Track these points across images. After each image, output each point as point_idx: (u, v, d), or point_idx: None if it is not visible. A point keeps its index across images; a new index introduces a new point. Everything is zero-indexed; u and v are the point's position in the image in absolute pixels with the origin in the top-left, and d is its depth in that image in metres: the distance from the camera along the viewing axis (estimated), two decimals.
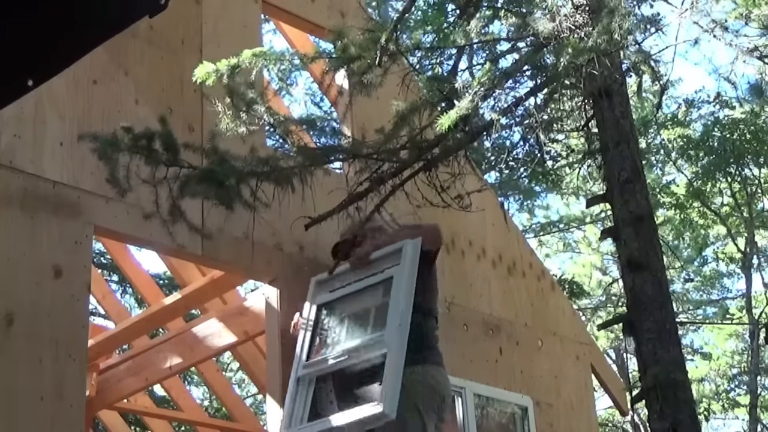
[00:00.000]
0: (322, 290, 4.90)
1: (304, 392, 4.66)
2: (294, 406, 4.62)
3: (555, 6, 4.18)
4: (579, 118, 6.87)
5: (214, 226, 4.69)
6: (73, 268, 4.27)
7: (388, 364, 4.36)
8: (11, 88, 2.30)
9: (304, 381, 4.70)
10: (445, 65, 7.32)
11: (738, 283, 19.62)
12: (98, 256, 12.42)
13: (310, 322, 4.80)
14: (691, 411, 6.63)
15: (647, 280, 6.85)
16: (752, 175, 16.68)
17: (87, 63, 4.59)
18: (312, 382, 4.70)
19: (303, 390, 4.67)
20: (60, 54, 2.29)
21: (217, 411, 14.96)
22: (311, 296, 4.88)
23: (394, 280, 4.56)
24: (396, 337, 4.42)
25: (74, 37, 2.26)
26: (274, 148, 5.36)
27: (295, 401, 4.63)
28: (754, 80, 16.09)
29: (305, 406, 4.65)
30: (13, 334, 4.01)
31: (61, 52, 2.28)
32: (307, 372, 4.68)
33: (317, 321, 4.82)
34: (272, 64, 4.37)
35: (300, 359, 4.73)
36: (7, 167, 4.20)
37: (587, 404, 6.67)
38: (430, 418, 4.50)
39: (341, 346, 4.62)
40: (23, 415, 3.96)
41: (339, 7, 5.99)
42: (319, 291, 4.90)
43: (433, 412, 4.54)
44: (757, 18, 12.30)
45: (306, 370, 4.69)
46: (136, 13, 2.34)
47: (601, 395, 9.28)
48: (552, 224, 19.08)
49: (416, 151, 4.21)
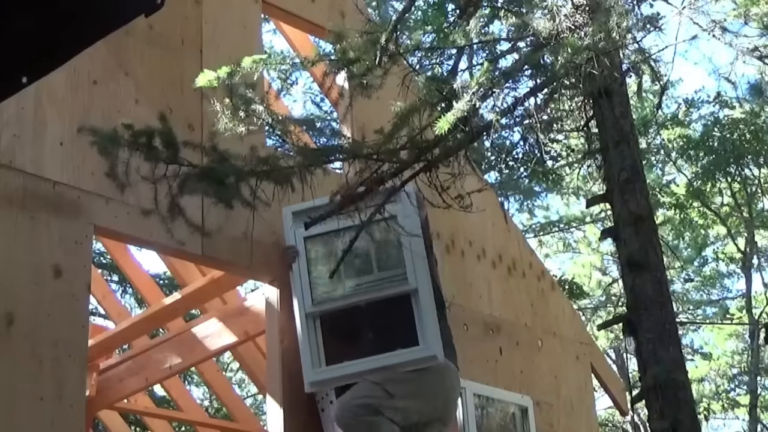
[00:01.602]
0: (298, 221, 4.84)
1: (313, 331, 4.72)
2: (310, 346, 4.67)
3: (555, 6, 4.18)
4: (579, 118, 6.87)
5: (213, 226, 4.69)
6: (73, 268, 4.27)
7: (423, 303, 4.44)
8: (5, 85, 2.30)
9: (312, 318, 4.75)
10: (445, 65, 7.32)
11: (738, 283, 19.64)
12: (98, 256, 12.43)
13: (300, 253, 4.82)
14: (691, 411, 6.64)
15: (647, 280, 6.86)
16: (752, 175, 16.68)
17: (87, 62, 4.59)
18: (317, 319, 4.74)
19: (312, 328, 4.72)
20: (54, 52, 2.29)
21: (217, 411, 14.97)
22: (289, 226, 4.86)
23: (398, 219, 4.57)
24: (423, 274, 4.46)
25: (69, 35, 2.26)
26: (274, 147, 5.35)
27: (310, 341, 4.68)
28: (754, 80, 16.11)
29: (319, 346, 4.71)
30: (13, 334, 4.01)
31: (55, 50, 2.28)
32: (316, 310, 4.74)
33: (306, 254, 4.84)
34: (273, 68, 4.37)
35: (302, 292, 4.76)
36: (7, 167, 4.20)
37: (587, 404, 6.67)
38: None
39: (350, 282, 4.64)
40: (23, 415, 3.96)
41: (339, 7, 5.99)
42: (297, 223, 4.85)
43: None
44: (757, 17, 12.29)
45: (315, 308, 4.74)
46: (132, 12, 2.34)
47: (601, 395, 9.28)
48: (552, 224, 19.08)
49: (416, 151, 4.20)
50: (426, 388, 4.57)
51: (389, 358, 4.54)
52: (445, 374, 4.63)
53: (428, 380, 4.59)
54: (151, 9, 2.31)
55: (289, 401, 4.83)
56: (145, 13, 2.34)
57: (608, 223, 14.31)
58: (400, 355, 4.54)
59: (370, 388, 4.49)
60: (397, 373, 4.55)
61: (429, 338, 4.51)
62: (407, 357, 4.52)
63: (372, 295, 4.72)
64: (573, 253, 20.31)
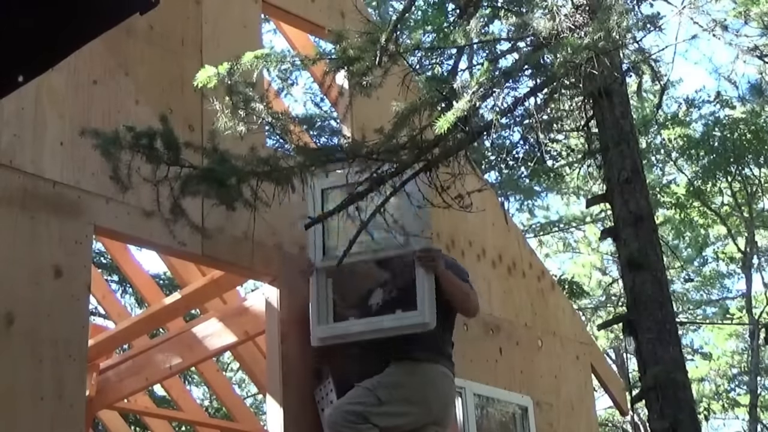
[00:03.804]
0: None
1: (324, 287, 4.81)
2: (319, 302, 4.78)
3: (555, 6, 4.18)
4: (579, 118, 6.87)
5: (214, 226, 4.69)
6: (73, 268, 4.27)
7: (419, 273, 4.58)
8: (2, 83, 2.29)
9: (324, 274, 4.82)
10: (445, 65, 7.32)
11: (738, 283, 19.65)
12: (98, 256, 12.43)
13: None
14: (691, 411, 6.64)
15: (647, 280, 6.86)
16: (752, 174, 16.69)
17: (87, 62, 4.59)
18: (329, 276, 4.82)
19: (323, 284, 4.81)
20: (49, 50, 2.29)
21: (217, 411, 14.96)
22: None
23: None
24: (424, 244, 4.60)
25: (64, 34, 2.25)
26: (274, 148, 5.35)
27: (319, 297, 4.78)
28: (754, 80, 16.11)
29: (328, 303, 4.80)
30: (13, 334, 4.01)
31: (50, 49, 2.28)
32: (326, 264, 4.81)
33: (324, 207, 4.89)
34: (273, 66, 4.36)
35: (315, 246, 4.85)
36: (7, 167, 4.19)
37: (587, 404, 6.67)
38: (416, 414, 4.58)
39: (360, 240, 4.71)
40: (23, 415, 3.96)
41: (339, 7, 5.99)
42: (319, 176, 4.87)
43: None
44: (757, 17, 12.29)
45: (325, 262, 4.81)
46: (127, 10, 2.33)
47: (601, 395, 9.28)
48: (552, 224, 19.08)
49: (416, 151, 4.20)
50: (417, 393, 4.64)
51: (388, 321, 4.67)
52: (438, 380, 4.69)
53: (420, 386, 4.66)
54: (146, 7, 2.31)
55: (289, 401, 4.83)
56: (140, 11, 2.33)
57: (608, 223, 14.31)
58: (398, 319, 4.64)
59: (363, 394, 4.60)
60: (390, 378, 4.63)
61: (426, 305, 4.60)
62: (403, 322, 4.63)
63: (380, 254, 4.80)
64: (573, 253, 20.31)
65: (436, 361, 4.68)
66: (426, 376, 4.65)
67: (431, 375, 4.66)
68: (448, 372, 4.72)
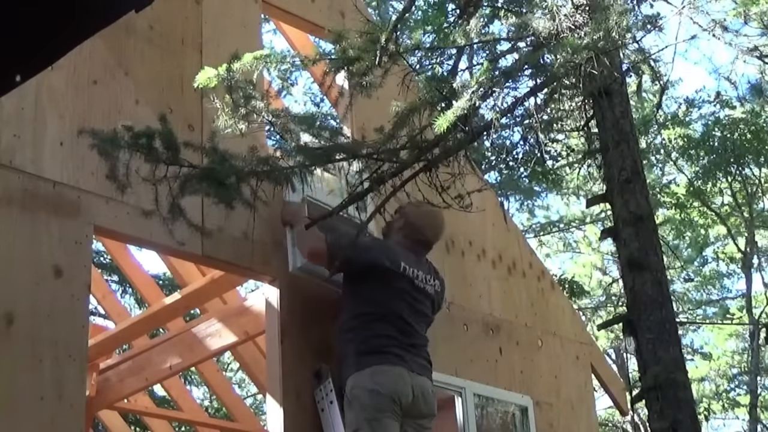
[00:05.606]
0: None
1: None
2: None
3: (555, 6, 4.18)
4: (579, 118, 6.87)
5: (213, 226, 4.69)
6: (73, 268, 4.27)
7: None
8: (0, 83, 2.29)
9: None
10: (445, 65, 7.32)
11: (738, 283, 19.66)
12: (98, 256, 12.43)
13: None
14: (691, 411, 6.65)
15: (647, 280, 6.87)
16: (752, 174, 16.70)
17: (87, 62, 4.59)
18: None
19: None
20: (46, 49, 2.28)
21: (217, 411, 14.98)
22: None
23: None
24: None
25: (60, 33, 2.25)
26: (274, 147, 5.35)
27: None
28: (754, 80, 16.11)
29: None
30: (13, 334, 4.00)
31: (47, 48, 2.27)
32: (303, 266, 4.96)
33: None
34: (273, 66, 4.36)
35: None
36: (7, 167, 4.19)
37: (587, 404, 6.67)
38: (385, 423, 4.48)
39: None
40: (23, 415, 3.96)
41: (339, 7, 5.99)
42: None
43: (390, 414, 4.52)
44: (757, 17, 12.29)
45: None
46: (123, 8, 2.33)
47: (601, 395, 9.28)
48: (552, 224, 19.10)
49: (416, 151, 4.21)
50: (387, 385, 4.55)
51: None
52: (390, 374, 4.59)
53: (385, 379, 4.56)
54: (141, 5, 2.30)
55: (289, 401, 4.83)
56: (135, 9, 2.33)
57: (608, 223, 14.32)
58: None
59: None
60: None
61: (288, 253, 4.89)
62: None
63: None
64: (573, 253, 20.32)
65: (358, 364, 4.61)
66: (360, 384, 4.59)
67: (365, 380, 4.57)
68: (382, 365, 4.60)
